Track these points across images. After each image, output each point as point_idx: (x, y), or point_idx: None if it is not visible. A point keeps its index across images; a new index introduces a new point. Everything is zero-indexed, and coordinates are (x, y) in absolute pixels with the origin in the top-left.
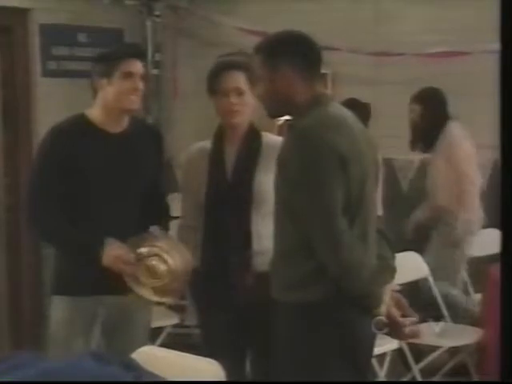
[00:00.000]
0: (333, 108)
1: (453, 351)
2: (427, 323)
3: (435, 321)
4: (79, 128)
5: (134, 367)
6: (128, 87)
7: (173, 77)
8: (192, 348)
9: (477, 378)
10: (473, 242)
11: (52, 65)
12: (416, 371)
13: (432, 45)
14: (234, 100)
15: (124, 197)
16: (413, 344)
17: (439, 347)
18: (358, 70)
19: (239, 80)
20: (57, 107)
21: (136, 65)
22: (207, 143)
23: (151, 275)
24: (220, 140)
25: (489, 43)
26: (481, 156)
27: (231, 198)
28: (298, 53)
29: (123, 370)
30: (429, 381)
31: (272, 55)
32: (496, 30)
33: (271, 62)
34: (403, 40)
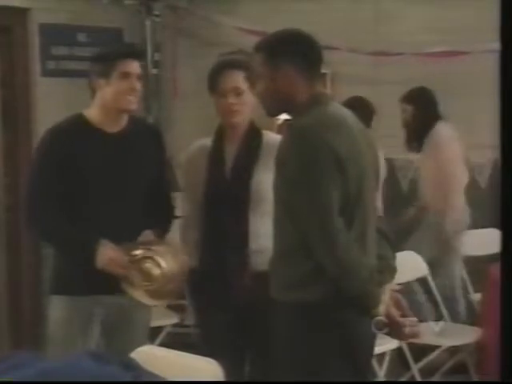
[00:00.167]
0: (332, 107)
1: (452, 350)
2: (426, 323)
3: (435, 320)
4: (77, 128)
5: (134, 367)
6: (125, 87)
7: (172, 76)
8: (191, 347)
9: (476, 378)
10: (464, 241)
11: (51, 64)
12: (415, 371)
13: (431, 44)
14: (233, 100)
15: (123, 197)
16: (412, 343)
17: (438, 346)
18: (358, 70)
19: (238, 79)
20: (56, 107)
21: (133, 65)
22: (208, 141)
23: (145, 278)
24: (220, 138)
25: (488, 43)
26: (480, 156)
27: (230, 197)
28: (299, 52)
29: (122, 370)
30: (428, 381)
31: (273, 54)
32: (495, 30)
33: (272, 61)
34: (403, 40)
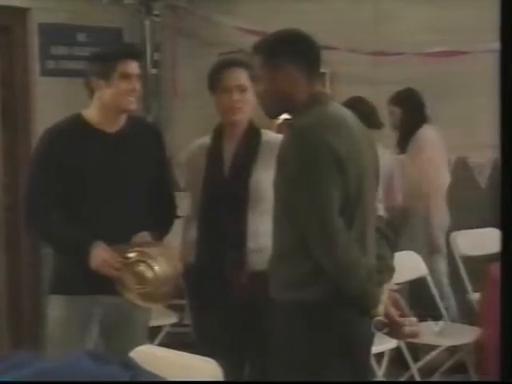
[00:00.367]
0: (332, 107)
1: (451, 350)
2: (426, 322)
3: (434, 320)
4: (76, 128)
5: (133, 366)
6: (126, 88)
7: (172, 76)
8: (190, 347)
9: (476, 377)
10: (464, 241)
11: (51, 64)
12: (414, 370)
13: (431, 44)
14: (237, 97)
15: (123, 197)
16: (411, 343)
17: (438, 346)
18: (357, 70)
19: (242, 77)
20: (56, 106)
21: (133, 65)
22: (207, 139)
23: (138, 281)
24: (219, 137)
25: (488, 43)
26: (481, 156)
27: (229, 196)
28: (299, 51)
29: (121, 370)
30: (428, 381)
31: (273, 54)
32: (495, 30)
33: (272, 61)
34: (402, 40)
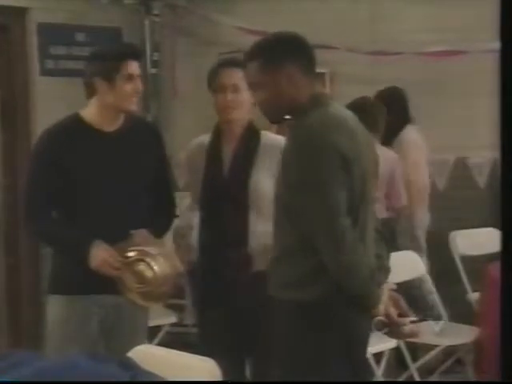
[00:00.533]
0: (333, 108)
1: (451, 350)
2: (426, 322)
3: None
4: (74, 128)
5: (131, 366)
6: (130, 89)
7: (171, 76)
8: (190, 347)
9: (474, 377)
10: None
11: (50, 64)
12: (413, 370)
13: (430, 44)
14: (230, 96)
15: (123, 196)
16: (410, 343)
17: (437, 346)
18: (357, 69)
19: (236, 77)
20: (55, 106)
21: (136, 66)
22: (207, 138)
23: (137, 280)
24: (218, 137)
25: (487, 42)
26: (480, 156)
27: (228, 196)
28: (298, 52)
29: (120, 369)
30: (429, 381)
31: (273, 56)
32: (495, 29)
33: (272, 63)
34: (401, 39)
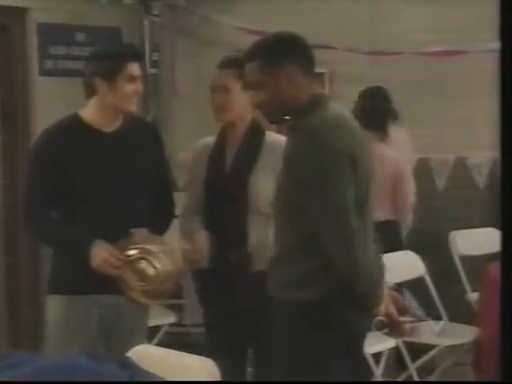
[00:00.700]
0: (333, 108)
1: (450, 350)
2: (426, 322)
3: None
4: (73, 128)
5: (130, 366)
6: (131, 90)
7: (171, 76)
8: (189, 347)
9: (474, 377)
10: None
11: (49, 64)
12: (412, 370)
13: (430, 44)
14: (219, 98)
15: (122, 196)
16: (409, 343)
17: (436, 346)
18: (356, 69)
19: (226, 78)
20: (54, 106)
21: (137, 67)
22: (212, 139)
23: (139, 279)
24: (222, 138)
25: (487, 42)
26: (479, 156)
27: (228, 196)
28: (297, 51)
29: (119, 369)
30: (428, 381)
31: (272, 55)
32: (494, 29)
33: (272, 63)
34: (401, 39)
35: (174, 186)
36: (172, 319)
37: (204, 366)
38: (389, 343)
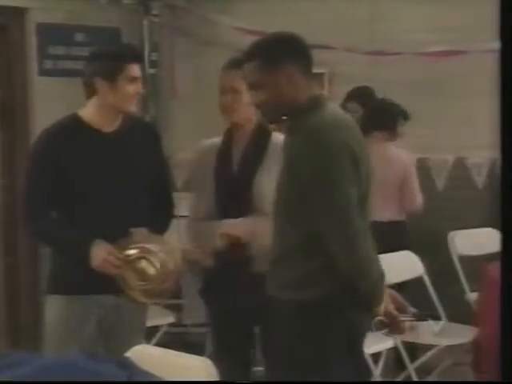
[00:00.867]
0: (331, 108)
1: (449, 350)
2: (425, 322)
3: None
4: (72, 128)
5: (129, 366)
6: (132, 91)
7: (170, 76)
8: (188, 347)
9: (473, 377)
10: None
11: (49, 64)
12: (411, 370)
13: (429, 44)
14: (227, 98)
15: (122, 196)
16: (408, 343)
17: (435, 346)
18: (355, 70)
19: (234, 78)
20: (54, 106)
21: (138, 69)
22: (217, 140)
23: (140, 278)
24: (229, 138)
25: (487, 42)
26: (479, 156)
27: (235, 197)
28: (296, 51)
29: (118, 369)
30: (428, 381)
31: (272, 55)
32: (494, 29)
33: (272, 63)
34: (400, 39)
35: (174, 186)
36: (171, 319)
37: (202, 366)
38: (387, 343)
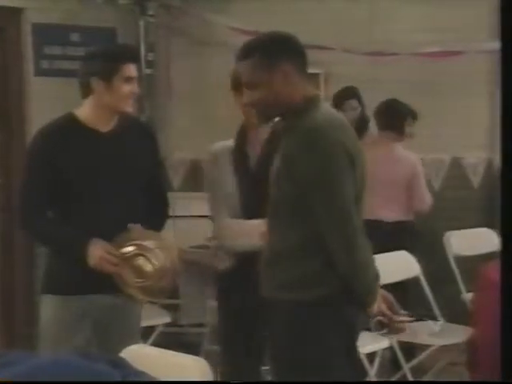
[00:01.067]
0: (325, 108)
1: (445, 350)
2: (422, 322)
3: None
4: (68, 127)
5: (123, 365)
6: (128, 91)
7: (166, 76)
8: (184, 347)
9: (467, 377)
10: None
11: (45, 64)
12: (407, 370)
13: (427, 44)
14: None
15: (117, 195)
16: (404, 343)
17: (431, 346)
18: (353, 70)
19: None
20: (50, 106)
21: (134, 69)
22: (229, 142)
23: (137, 275)
24: (243, 137)
25: (484, 43)
26: (474, 156)
27: (258, 196)
28: (293, 50)
29: (112, 368)
30: (425, 381)
31: (269, 53)
32: (490, 30)
33: (269, 61)
34: (398, 39)
35: (170, 186)
36: (167, 319)
37: (197, 366)
38: (383, 343)
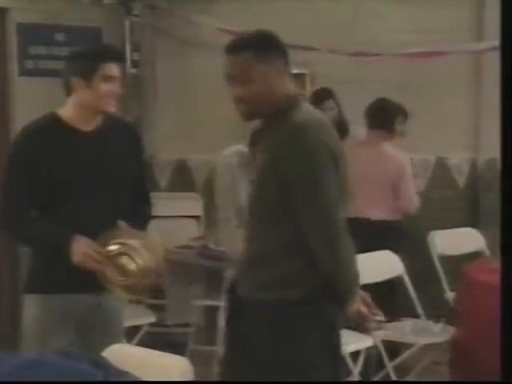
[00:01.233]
0: (308, 108)
1: (428, 348)
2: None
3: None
4: (51, 126)
5: (104, 365)
6: (108, 91)
7: (152, 76)
8: (170, 346)
9: (449, 376)
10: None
11: (29, 64)
12: (390, 369)
13: (411, 45)
14: None
15: (100, 195)
16: (388, 342)
17: (414, 345)
18: (338, 70)
19: None
20: (34, 106)
21: (115, 68)
22: (238, 147)
23: (120, 274)
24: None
25: (467, 43)
26: (458, 156)
27: None
28: (279, 48)
29: (93, 368)
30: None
31: (264, 48)
32: (474, 30)
33: (264, 56)
34: (382, 40)
35: (155, 186)
36: (152, 319)
37: (177, 364)
38: (366, 342)
